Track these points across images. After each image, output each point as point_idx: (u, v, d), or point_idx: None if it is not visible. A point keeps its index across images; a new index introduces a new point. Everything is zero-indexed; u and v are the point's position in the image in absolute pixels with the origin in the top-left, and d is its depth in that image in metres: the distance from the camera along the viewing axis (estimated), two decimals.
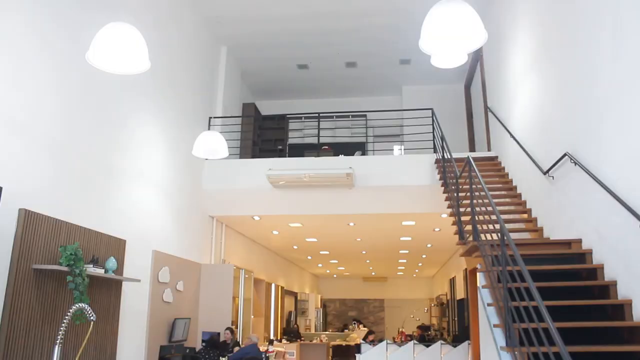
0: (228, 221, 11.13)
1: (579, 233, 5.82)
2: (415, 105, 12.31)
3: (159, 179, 8.21)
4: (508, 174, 8.76)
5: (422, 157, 9.60)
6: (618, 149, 4.89)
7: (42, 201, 5.43)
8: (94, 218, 6.38)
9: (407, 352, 9.22)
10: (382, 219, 10.83)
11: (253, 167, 9.88)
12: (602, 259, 5.28)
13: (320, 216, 10.58)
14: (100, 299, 6.34)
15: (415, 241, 13.70)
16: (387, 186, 9.51)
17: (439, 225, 11.25)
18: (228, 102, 11.48)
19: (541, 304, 3.63)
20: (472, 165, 6.22)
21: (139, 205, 7.56)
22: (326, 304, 25.53)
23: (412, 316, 22.48)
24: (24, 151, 5.21)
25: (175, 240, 8.79)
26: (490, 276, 5.09)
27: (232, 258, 11.57)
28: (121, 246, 6.85)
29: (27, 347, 5.07)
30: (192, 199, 9.53)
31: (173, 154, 8.71)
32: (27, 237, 5.10)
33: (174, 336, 8.36)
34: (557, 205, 6.45)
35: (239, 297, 10.97)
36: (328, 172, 9.12)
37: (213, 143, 6.18)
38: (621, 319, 4.74)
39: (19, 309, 4.97)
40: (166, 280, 8.27)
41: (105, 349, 6.45)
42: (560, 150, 6.19)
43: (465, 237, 6.53)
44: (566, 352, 3.18)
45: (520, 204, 7.70)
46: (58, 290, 5.52)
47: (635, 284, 4.62)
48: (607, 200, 4.93)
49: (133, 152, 7.40)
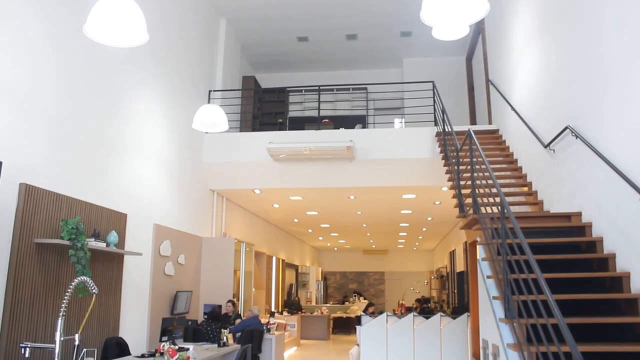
0: (229, 195, 11.16)
1: (579, 206, 5.83)
2: (416, 78, 12.23)
3: (159, 152, 8.20)
4: (509, 147, 8.74)
5: (422, 130, 9.57)
6: (620, 122, 4.87)
7: (43, 176, 5.43)
8: (95, 192, 6.39)
9: (406, 323, 9.31)
10: (382, 192, 10.85)
11: (253, 140, 9.86)
12: (601, 232, 5.30)
13: (320, 189, 10.59)
14: (103, 272, 6.39)
15: (415, 214, 13.74)
16: (387, 159, 9.50)
17: (439, 198, 11.27)
18: (228, 75, 11.40)
19: (540, 276, 3.65)
20: (473, 138, 6.20)
21: (140, 179, 7.56)
22: (327, 277, 25.73)
23: (412, 289, 22.68)
24: (23, 126, 5.19)
25: (176, 213, 8.81)
26: (490, 249, 5.12)
27: (233, 231, 11.63)
28: (122, 220, 6.87)
29: (32, 319, 5.13)
30: (193, 173, 9.54)
31: (173, 127, 8.68)
32: (28, 211, 5.12)
33: (176, 309, 8.45)
34: (557, 179, 6.45)
35: (240, 270, 11.06)
36: (328, 145, 9.10)
37: (213, 116, 6.15)
38: (619, 291, 4.78)
39: (22, 282, 5.01)
40: (167, 253, 8.32)
41: (109, 321, 6.53)
42: (561, 123, 6.17)
43: (466, 210, 6.55)
44: (564, 323, 3.20)
45: (521, 177, 7.70)
46: (60, 263, 5.56)
47: (634, 256, 4.64)
48: (608, 173, 4.93)
49: (132, 126, 7.38)
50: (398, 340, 9.25)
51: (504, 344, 4.53)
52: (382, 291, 25.45)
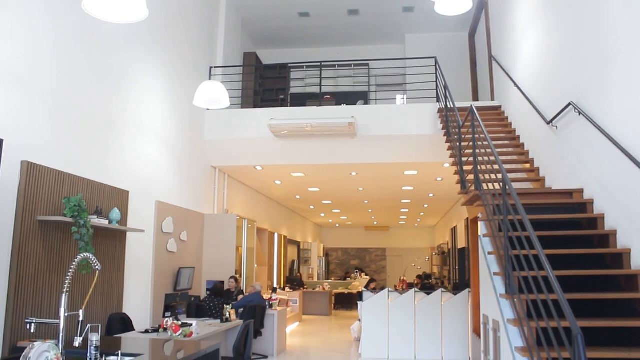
0: (230, 171, 11.16)
1: (580, 183, 5.83)
2: (419, 54, 12.13)
3: (161, 129, 8.18)
4: (511, 124, 8.71)
5: (424, 107, 9.52)
6: (624, 98, 4.84)
7: (44, 153, 5.43)
8: (97, 169, 6.39)
9: (408, 299, 9.38)
10: (384, 169, 10.84)
11: (255, 117, 9.83)
12: (603, 209, 5.31)
13: (322, 166, 10.59)
14: (106, 249, 6.43)
15: (417, 191, 13.75)
16: (389, 135, 9.48)
17: (441, 174, 11.26)
18: (229, 51, 11.31)
19: (541, 252, 3.66)
20: (475, 115, 6.17)
21: (141, 156, 7.56)
22: (329, 253, 25.86)
23: (414, 265, 22.80)
24: (23, 103, 5.17)
25: (178, 190, 8.83)
26: (492, 225, 5.13)
27: (235, 208, 11.66)
28: (124, 197, 6.89)
29: (36, 296, 5.18)
30: (194, 150, 9.53)
31: (174, 104, 8.65)
32: (30, 189, 5.13)
33: (179, 285, 8.51)
34: (559, 155, 6.44)
35: (242, 246, 11.11)
36: (330, 122, 9.07)
37: (214, 93, 6.11)
38: (619, 268, 4.80)
39: (26, 259, 5.05)
40: (170, 230, 8.36)
41: (112, 297, 6.58)
42: (564, 99, 6.13)
43: (467, 186, 6.55)
44: (564, 299, 3.22)
45: (523, 154, 7.68)
46: (63, 241, 5.59)
47: (635, 233, 4.65)
48: (611, 150, 4.91)
49: (133, 103, 7.35)
50: (399, 315, 9.34)
51: (505, 320, 4.57)
52: (383, 267, 25.60)
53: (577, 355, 2.85)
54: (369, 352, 9.34)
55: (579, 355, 2.83)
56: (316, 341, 11.56)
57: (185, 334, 5.65)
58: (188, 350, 3.68)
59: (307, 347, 10.73)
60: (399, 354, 9.24)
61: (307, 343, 11.24)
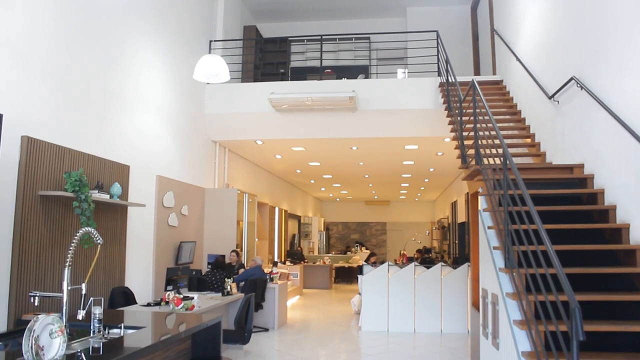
0: (231, 146, 11.15)
1: (581, 158, 5.82)
2: (420, 28, 12.01)
3: (161, 104, 8.15)
4: (513, 98, 8.67)
5: (426, 81, 9.47)
6: (626, 73, 4.81)
7: (44, 128, 5.42)
8: (97, 144, 6.39)
9: (408, 273, 9.45)
10: (385, 143, 10.83)
11: (255, 91, 9.78)
12: (603, 184, 5.31)
13: (323, 140, 10.58)
14: (107, 223, 6.46)
15: (417, 165, 13.75)
16: (390, 110, 9.44)
17: (441, 149, 11.25)
18: (228, 25, 11.20)
19: (540, 227, 3.68)
20: (477, 89, 6.14)
21: (142, 130, 7.55)
22: (329, 227, 25.97)
23: (414, 239, 22.91)
24: (23, 78, 5.14)
25: (178, 165, 8.83)
26: (492, 200, 5.14)
27: (236, 182, 11.68)
28: (125, 172, 6.90)
29: (39, 270, 5.22)
30: (195, 124, 9.50)
31: (174, 78, 8.60)
32: (31, 164, 5.13)
33: (180, 259, 8.57)
34: (560, 130, 6.42)
35: (243, 220, 11.16)
36: (331, 96, 9.03)
37: (214, 67, 6.07)
38: (618, 243, 4.83)
39: (28, 233, 5.08)
40: (171, 204, 8.38)
41: (114, 271, 6.64)
42: (566, 74, 6.09)
43: (468, 161, 6.54)
44: (563, 273, 3.25)
45: (524, 129, 7.66)
46: (65, 215, 5.61)
47: (634, 208, 4.66)
48: (612, 125, 4.90)
49: (133, 78, 7.31)
50: (399, 289, 9.42)
51: (503, 293, 4.61)
52: (383, 241, 25.73)
53: (574, 328, 2.88)
54: (369, 325, 9.45)
55: (576, 329, 2.87)
56: (316, 314, 11.68)
57: (187, 307, 5.71)
58: (190, 323, 3.72)
59: (308, 320, 10.85)
60: (398, 327, 9.35)
61: (307, 316, 11.36)
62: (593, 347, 3.83)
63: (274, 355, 7.40)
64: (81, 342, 3.13)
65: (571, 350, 2.91)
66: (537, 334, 3.78)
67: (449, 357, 7.33)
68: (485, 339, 5.61)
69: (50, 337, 2.60)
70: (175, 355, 3.76)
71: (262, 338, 8.63)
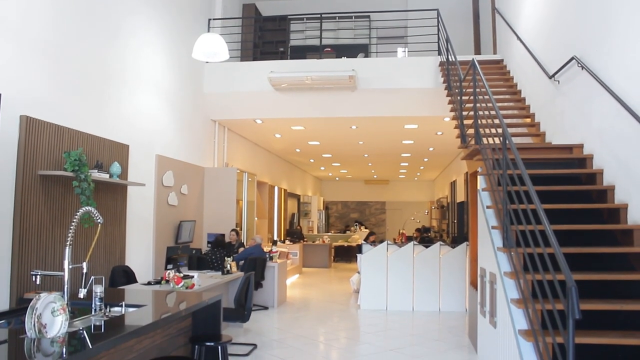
0: (230, 125, 11.13)
1: (581, 138, 5.82)
2: (421, 6, 11.90)
3: (159, 83, 8.12)
4: (513, 78, 8.63)
5: (426, 60, 9.42)
6: (627, 53, 4.78)
7: (43, 108, 5.41)
8: (96, 124, 6.38)
9: (406, 252, 9.50)
10: (384, 122, 10.81)
11: (254, 69, 9.73)
12: (602, 164, 5.32)
13: (322, 119, 10.55)
14: (107, 203, 6.48)
15: (417, 144, 13.74)
16: (390, 89, 9.41)
17: (441, 128, 11.23)
18: (227, 3, 11.09)
19: (539, 206, 3.70)
20: (477, 68, 6.12)
21: (140, 110, 7.53)
22: (328, 206, 26.03)
23: (413, 218, 22.99)
24: (21, 57, 5.11)
25: (178, 144, 8.82)
26: (491, 179, 5.15)
27: (235, 161, 11.68)
28: (124, 151, 6.90)
29: (40, 249, 5.25)
30: (194, 103, 9.47)
31: (172, 57, 8.55)
32: (30, 143, 5.13)
33: (180, 238, 8.61)
34: (560, 110, 6.41)
35: (242, 199, 11.18)
36: (330, 75, 8.99)
37: (213, 45, 6.02)
38: (616, 222, 4.85)
39: (28, 213, 5.09)
40: (170, 184, 8.39)
41: (115, 250, 6.67)
42: (567, 53, 6.06)
43: (467, 140, 6.54)
44: (560, 252, 3.27)
45: (524, 108, 7.64)
46: (65, 195, 5.62)
47: (633, 188, 4.68)
48: (613, 105, 4.89)
49: (132, 56, 7.27)
50: (398, 268, 9.48)
51: (501, 272, 4.65)
52: (383, 220, 25.81)
53: (570, 307, 2.91)
54: (368, 304, 9.53)
55: (573, 307, 2.90)
56: (316, 293, 11.77)
57: (187, 286, 5.75)
58: (190, 302, 3.75)
59: (307, 298, 10.94)
60: (397, 306, 9.42)
61: (307, 295, 11.45)
62: (589, 326, 3.88)
63: (273, 333, 7.48)
64: (83, 320, 3.16)
65: (567, 329, 2.94)
66: (534, 313, 3.83)
67: (446, 335, 7.41)
68: (483, 317, 5.67)
69: (53, 315, 2.63)
70: (176, 332, 3.80)
71: (262, 316, 8.71)
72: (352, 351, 6.68)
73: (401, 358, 6.18)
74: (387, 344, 6.91)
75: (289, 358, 6.09)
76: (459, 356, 6.27)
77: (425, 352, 6.48)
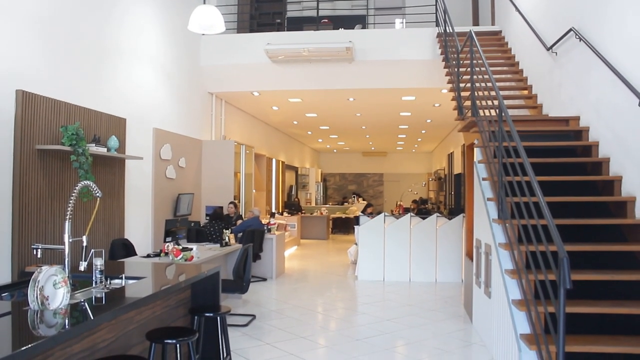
0: (227, 97, 11.09)
1: (577, 110, 5.84)
2: None
3: (156, 55, 8.07)
4: (511, 50, 8.59)
5: (423, 31, 9.36)
6: (626, 25, 4.77)
7: (39, 82, 5.39)
8: (92, 97, 6.36)
9: (404, 224, 9.57)
10: (382, 94, 10.78)
11: (251, 42, 9.66)
12: (598, 137, 5.35)
13: (319, 91, 10.52)
14: (105, 177, 6.50)
15: (414, 116, 13.71)
16: (387, 60, 9.37)
17: (439, 100, 11.21)
18: None
19: (533, 178, 3.74)
20: (474, 40, 6.09)
21: (137, 83, 7.50)
22: (326, 178, 26.07)
23: (410, 190, 23.04)
24: (15, 32, 5.08)
25: (175, 117, 8.81)
26: (487, 151, 5.18)
27: (233, 134, 11.67)
28: (121, 125, 6.89)
29: (40, 223, 5.29)
30: (191, 76, 9.43)
31: (168, 30, 8.48)
32: (27, 118, 5.13)
33: (178, 211, 8.66)
34: (558, 82, 6.41)
35: (240, 172, 11.21)
36: (327, 47, 8.94)
37: (209, 17, 5.97)
38: (611, 195, 4.90)
39: (27, 187, 5.12)
40: (168, 157, 8.41)
41: (114, 223, 6.72)
42: (565, 25, 6.03)
43: (464, 112, 6.55)
44: (553, 224, 3.32)
45: (522, 80, 7.63)
46: (63, 169, 5.65)
47: (627, 161, 4.71)
48: (609, 77, 4.89)
49: (127, 30, 7.21)
50: (395, 239, 9.56)
51: (496, 244, 4.71)
52: (380, 192, 25.89)
53: (562, 277, 2.97)
54: (365, 275, 9.63)
55: (564, 277, 2.96)
56: (314, 264, 11.88)
57: (186, 258, 5.81)
58: (189, 273, 3.81)
59: (305, 270, 11.05)
60: (394, 277, 9.53)
61: (305, 266, 11.56)
62: (580, 296, 3.95)
63: (272, 304, 7.59)
64: (84, 292, 3.22)
65: (558, 298, 3.01)
66: (527, 283, 3.90)
67: (442, 306, 7.52)
68: (478, 287, 5.76)
69: (54, 288, 2.68)
70: (175, 304, 3.86)
71: (261, 287, 8.81)
72: (350, 321, 6.79)
73: (398, 328, 6.28)
74: (384, 314, 7.02)
75: (288, 328, 6.20)
76: (455, 326, 6.38)
77: (422, 322, 6.59)
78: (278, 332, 6.04)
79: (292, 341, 5.66)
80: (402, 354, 5.33)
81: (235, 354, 5.03)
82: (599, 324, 3.84)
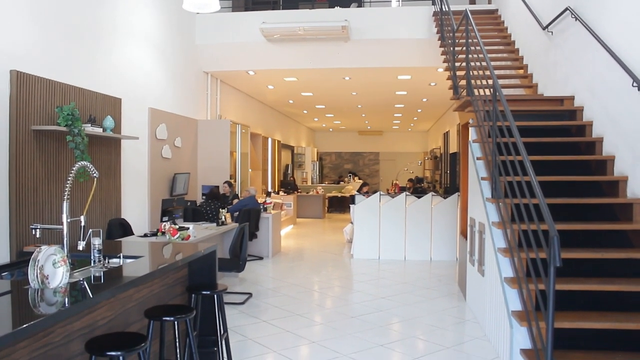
0: (223, 77, 11.06)
1: (572, 90, 5.86)
2: None
3: (151, 35, 8.03)
4: (507, 28, 8.57)
5: (419, 10, 9.32)
6: (622, 5, 4.77)
7: (33, 62, 5.37)
8: (87, 77, 6.35)
9: (399, 202, 9.62)
10: (377, 73, 10.76)
11: (246, 20, 9.61)
12: (592, 117, 5.38)
13: (315, 70, 10.49)
14: (101, 157, 6.52)
15: (410, 95, 13.71)
16: (383, 39, 9.34)
17: (434, 79, 11.20)
18: None
19: (526, 158, 3.78)
20: (470, 19, 6.08)
21: (132, 62, 7.47)
22: (322, 157, 26.09)
23: (406, 169, 23.10)
24: (8, 11, 5.05)
25: (170, 97, 8.80)
26: (481, 131, 5.21)
27: (228, 113, 11.65)
28: (117, 105, 6.89)
29: (37, 204, 5.32)
30: (186, 55, 9.39)
31: (163, 8, 8.42)
32: (22, 98, 5.12)
33: (175, 190, 8.69)
34: (553, 62, 6.41)
35: (236, 151, 11.22)
36: (323, 25, 8.90)
37: None
38: (603, 174, 4.95)
39: (23, 168, 5.14)
40: (164, 137, 8.41)
41: (111, 203, 6.75)
42: (561, 4, 6.02)
43: (460, 92, 6.57)
44: (545, 203, 3.37)
45: (517, 60, 7.63)
46: (59, 150, 5.66)
47: (620, 140, 4.75)
48: (604, 58, 4.91)
49: (121, 9, 7.16)
50: (390, 218, 9.62)
51: (490, 222, 4.77)
52: (376, 171, 25.94)
53: (552, 255, 3.03)
54: (361, 253, 9.71)
55: (554, 255, 3.02)
56: (310, 243, 11.96)
57: (183, 237, 5.85)
58: (186, 252, 3.85)
59: (301, 248, 11.13)
60: (389, 255, 9.61)
61: (301, 245, 11.64)
62: (572, 274, 4.02)
63: (268, 282, 7.66)
64: (82, 271, 3.26)
65: (548, 276, 3.07)
66: (519, 261, 3.96)
67: (437, 284, 7.61)
68: (472, 265, 5.84)
69: (54, 267, 2.72)
70: (173, 282, 3.91)
71: (257, 266, 8.89)
72: (345, 299, 6.88)
73: (393, 305, 6.37)
74: (379, 291, 7.11)
75: (284, 306, 6.27)
76: (449, 303, 6.47)
77: (416, 299, 6.68)
78: (274, 309, 6.12)
79: (288, 318, 5.74)
80: (397, 330, 5.42)
81: (232, 332, 5.11)
82: (588, 301, 3.91)
